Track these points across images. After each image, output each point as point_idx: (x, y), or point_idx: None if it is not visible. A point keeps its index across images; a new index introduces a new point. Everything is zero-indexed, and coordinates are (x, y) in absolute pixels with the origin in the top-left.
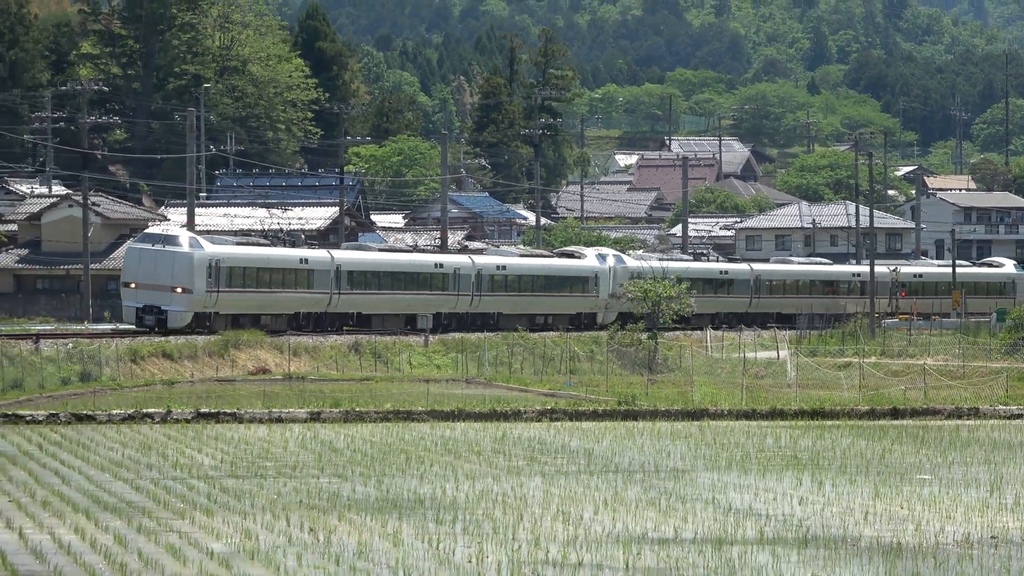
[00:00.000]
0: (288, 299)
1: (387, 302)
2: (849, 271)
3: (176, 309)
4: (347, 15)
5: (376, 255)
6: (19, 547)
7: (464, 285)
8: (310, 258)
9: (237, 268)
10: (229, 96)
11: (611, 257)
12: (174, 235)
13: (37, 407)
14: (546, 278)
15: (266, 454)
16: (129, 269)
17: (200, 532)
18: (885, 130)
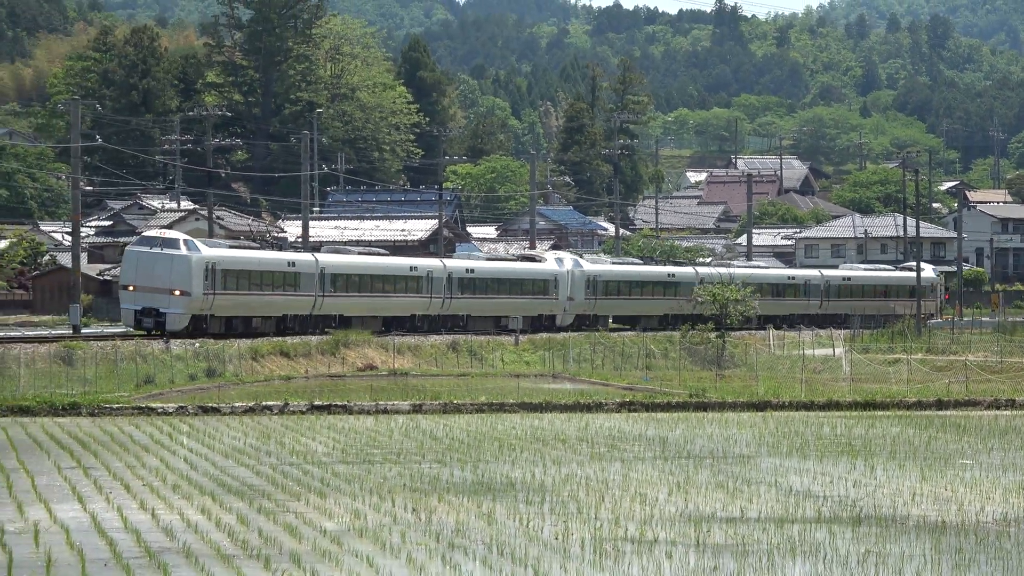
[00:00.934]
0: (277, 302)
1: (366, 304)
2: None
3: (174, 312)
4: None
5: (356, 259)
6: (152, 526)
7: (437, 288)
8: (296, 261)
9: (232, 271)
10: (339, 120)
11: (568, 261)
12: (172, 238)
13: (167, 400)
14: (510, 281)
15: (373, 442)
16: (127, 272)
17: (314, 512)
18: (930, 149)
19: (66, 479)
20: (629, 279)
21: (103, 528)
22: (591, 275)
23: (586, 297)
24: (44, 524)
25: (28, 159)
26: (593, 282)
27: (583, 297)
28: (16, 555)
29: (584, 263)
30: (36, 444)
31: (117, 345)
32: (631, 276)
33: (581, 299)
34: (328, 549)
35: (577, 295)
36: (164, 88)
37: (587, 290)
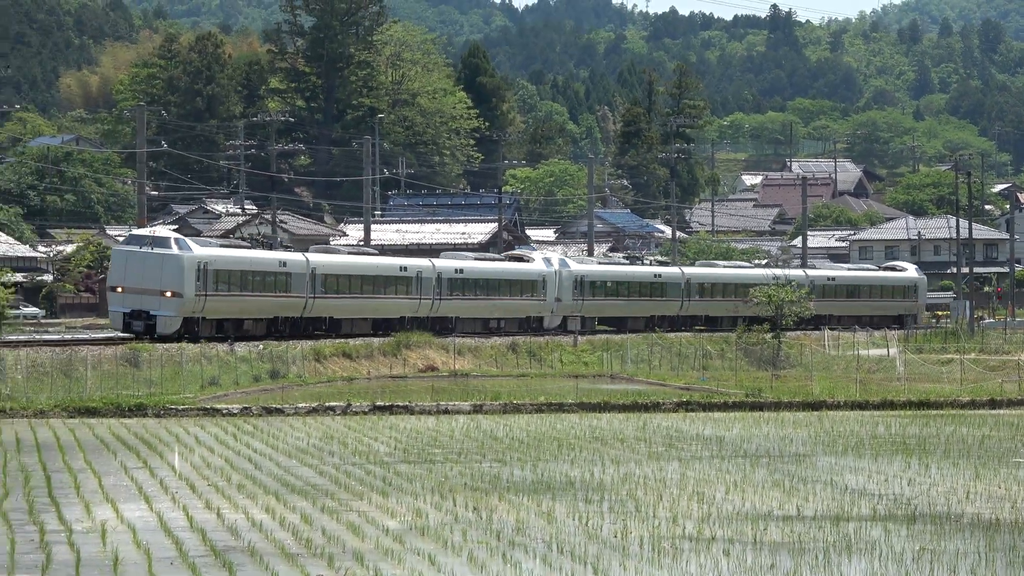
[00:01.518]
0: (269, 303)
1: (356, 306)
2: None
3: (165, 314)
4: (504, 53)
5: (347, 258)
6: (217, 525)
7: (427, 289)
8: (288, 261)
9: (223, 271)
10: (400, 125)
11: (556, 261)
12: (163, 236)
13: (232, 402)
14: (499, 281)
15: (434, 442)
16: (116, 272)
17: (376, 511)
18: (982, 152)
19: (132, 479)
20: (616, 279)
21: (169, 527)
22: (578, 275)
23: (574, 298)
24: (111, 524)
25: (95, 164)
26: (580, 282)
27: (571, 298)
28: (84, 554)
29: (571, 263)
30: (103, 445)
31: (183, 347)
32: (618, 276)
33: (569, 300)
34: (390, 547)
35: (565, 296)
36: (228, 94)
37: (575, 291)
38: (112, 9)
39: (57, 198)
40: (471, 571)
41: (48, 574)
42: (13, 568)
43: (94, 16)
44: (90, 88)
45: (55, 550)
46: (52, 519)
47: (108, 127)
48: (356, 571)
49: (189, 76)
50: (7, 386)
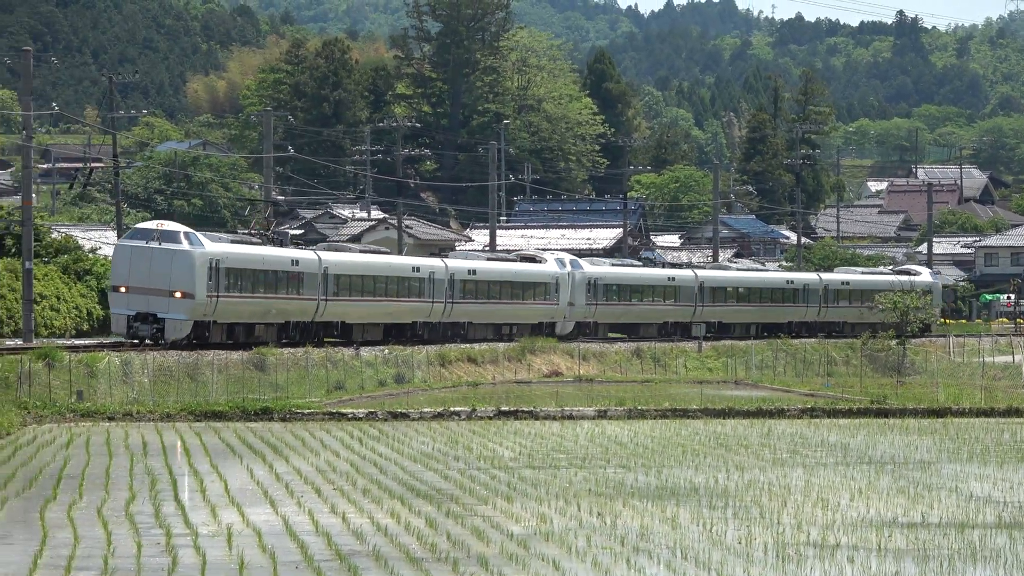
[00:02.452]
0: (281, 306)
1: (367, 310)
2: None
3: (175, 317)
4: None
5: (359, 257)
6: (342, 529)
7: (439, 291)
8: (300, 259)
9: (235, 270)
10: (526, 131)
11: (568, 262)
12: (171, 230)
13: (357, 406)
14: (511, 284)
15: (559, 447)
16: (119, 270)
17: (501, 516)
18: None
19: (258, 483)
20: (630, 282)
21: (294, 531)
22: (592, 278)
23: (587, 302)
24: (237, 527)
25: (222, 169)
26: (594, 285)
27: (584, 302)
28: (210, 557)
29: (584, 264)
30: (229, 448)
31: (308, 351)
32: (632, 279)
33: (582, 304)
34: (515, 552)
35: (578, 300)
36: (354, 100)
37: (587, 294)
38: (239, 14)
39: (184, 203)
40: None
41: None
42: (139, 571)
43: (221, 21)
44: (217, 93)
45: (181, 553)
46: (178, 522)
47: (235, 132)
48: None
49: (316, 81)
50: (134, 390)
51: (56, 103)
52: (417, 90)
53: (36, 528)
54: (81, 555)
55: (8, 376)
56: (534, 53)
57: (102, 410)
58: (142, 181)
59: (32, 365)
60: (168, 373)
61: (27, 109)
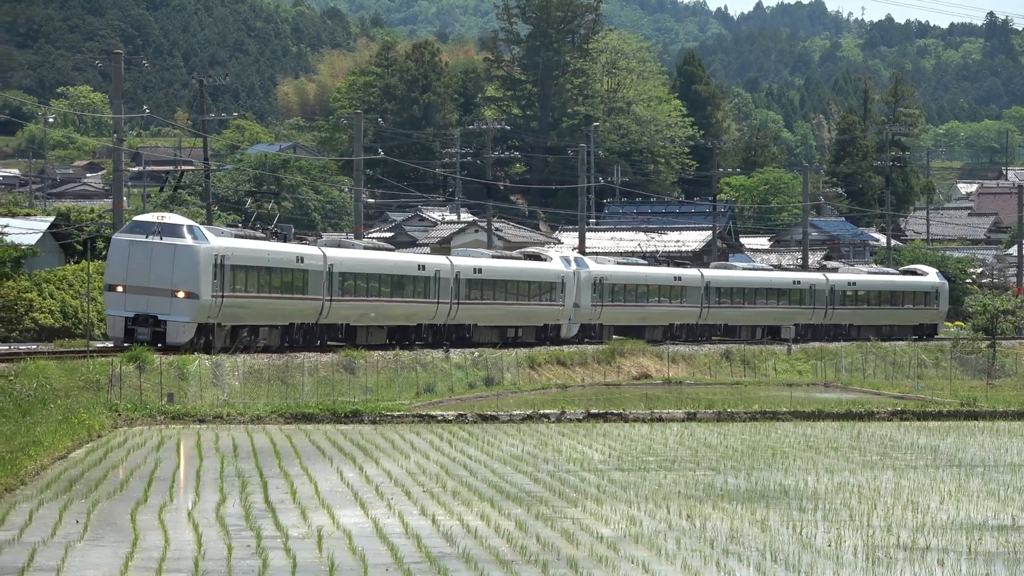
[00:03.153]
0: (286, 307)
1: (373, 311)
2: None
3: (178, 319)
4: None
5: (365, 254)
6: (432, 532)
7: (444, 291)
8: (305, 256)
9: (241, 268)
10: (615, 133)
11: (573, 260)
12: (174, 223)
13: (447, 408)
14: (517, 283)
15: (648, 450)
16: (115, 267)
17: (590, 519)
18: None
19: (348, 485)
20: (636, 282)
21: (384, 533)
22: (598, 277)
23: (592, 303)
24: (327, 529)
25: (312, 172)
26: (600, 285)
27: (589, 303)
28: (300, 560)
29: (590, 262)
30: (319, 451)
31: (398, 354)
32: (639, 279)
33: (587, 305)
34: (604, 555)
35: (583, 301)
36: (444, 102)
37: (593, 295)
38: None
39: (274, 205)
40: None
41: None
42: (230, 573)
43: (311, 24)
44: (307, 96)
45: (271, 556)
46: (268, 525)
47: (325, 135)
48: None
49: (406, 84)
50: (224, 392)
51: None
52: (507, 92)
53: (127, 530)
54: (172, 557)
55: (99, 379)
56: (623, 55)
57: (193, 412)
58: (232, 184)
59: (123, 367)
60: (258, 375)
61: (118, 112)
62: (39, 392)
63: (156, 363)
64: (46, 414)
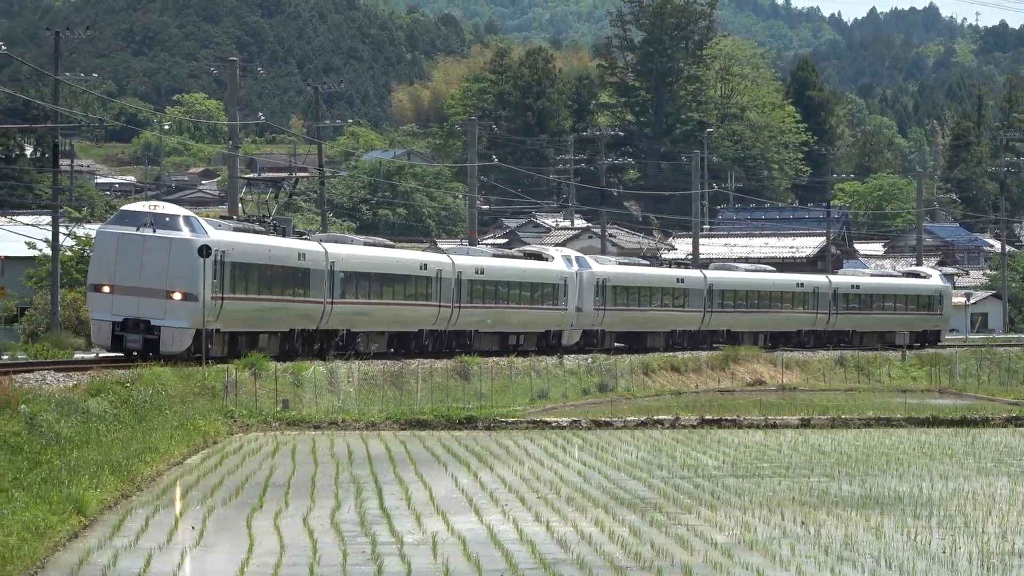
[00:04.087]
0: (287, 311)
1: (375, 316)
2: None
3: (174, 324)
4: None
5: (365, 251)
6: (546, 538)
7: (446, 293)
8: (307, 253)
9: (241, 265)
10: (729, 139)
11: (575, 260)
12: (168, 213)
13: (561, 415)
14: (519, 285)
15: (762, 456)
16: (101, 264)
17: (705, 525)
18: None
19: (463, 491)
20: (639, 284)
21: (499, 540)
22: (600, 279)
23: (595, 307)
24: (442, 535)
25: (426, 178)
26: (602, 288)
27: (591, 307)
28: (415, 566)
29: (592, 262)
30: (434, 457)
31: (512, 360)
32: (642, 281)
33: (590, 310)
34: (719, 561)
35: (585, 305)
36: (558, 108)
37: (596, 298)
38: (444, 24)
39: (389, 212)
40: None
41: None
42: None
43: (426, 31)
44: (422, 102)
45: (387, 562)
46: (383, 531)
47: (439, 141)
48: None
49: (520, 90)
50: (339, 399)
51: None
52: (620, 99)
53: (243, 536)
54: (287, 563)
55: (215, 385)
56: (737, 61)
57: (308, 419)
58: (347, 191)
59: (238, 374)
60: (373, 382)
61: (233, 119)
62: (155, 399)
63: (271, 369)
64: (162, 420)
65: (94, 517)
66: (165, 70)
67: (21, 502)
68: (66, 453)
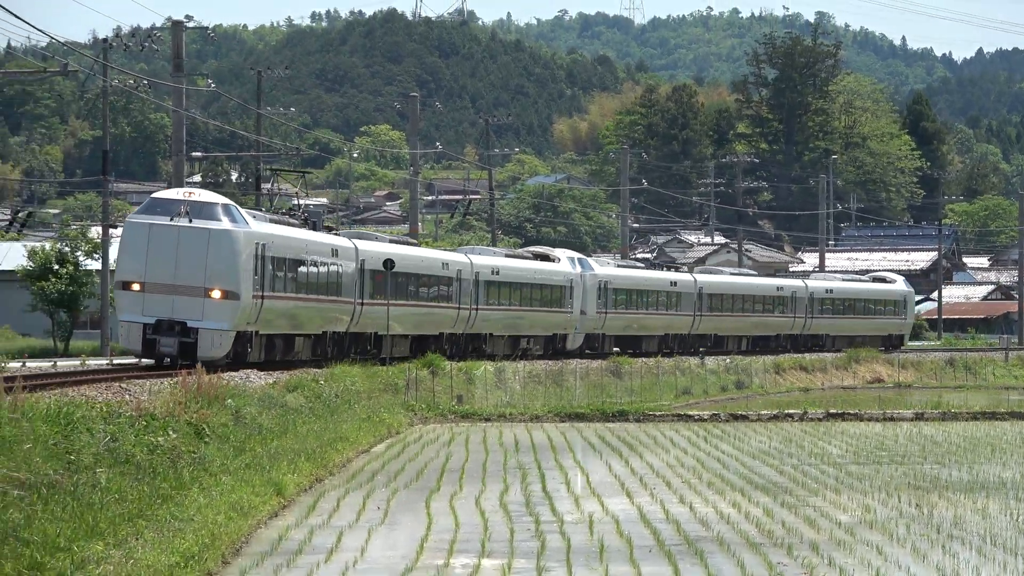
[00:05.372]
0: (321, 312)
1: (399, 317)
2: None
3: (213, 327)
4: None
5: (394, 248)
6: (689, 517)
7: (465, 294)
8: (339, 248)
9: (280, 260)
10: (852, 165)
11: (578, 262)
12: (206, 201)
13: (702, 409)
14: (531, 287)
15: (881, 446)
16: (130, 259)
17: (830, 506)
18: None
19: (616, 476)
20: (638, 287)
21: (648, 519)
22: (603, 281)
23: (597, 310)
24: (597, 515)
25: (583, 200)
26: (604, 290)
27: (594, 310)
28: (573, 541)
29: (594, 264)
30: (590, 446)
31: (659, 360)
32: (640, 284)
33: (592, 313)
34: (842, 539)
35: (588, 308)
36: (700, 138)
37: (598, 301)
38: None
39: (551, 230)
40: (914, 560)
41: (543, 558)
42: (512, 554)
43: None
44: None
45: (548, 538)
46: (546, 511)
47: (595, 167)
48: (812, 559)
49: (666, 122)
50: (507, 394)
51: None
52: (755, 129)
53: (422, 515)
54: (461, 539)
55: (397, 382)
56: (859, 96)
57: (479, 412)
58: (514, 211)
59: (418, 373)
60: (536, 379)
61: (414, 148)
62: (344, 394)
63: (447, 368)
64: (351, 414)
65: (292, 498)
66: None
67: (228, 485)
68: (267, 442)
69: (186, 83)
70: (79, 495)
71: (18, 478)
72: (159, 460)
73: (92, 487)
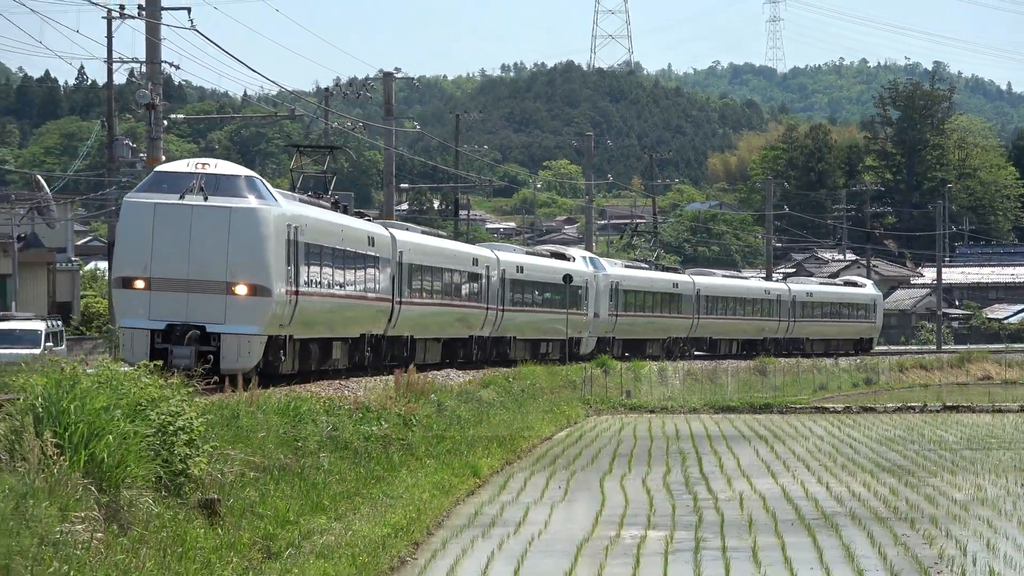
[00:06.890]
0: (358, 312)
1: (432, 319)
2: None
3: (239, 331)
4: None
5: (429, 240)
6: (825, 495)
7: (492, 294)
8: (375, 237)
9: (314, 248)
10: (964, 193)
11: (590, 262)
12: (226, 173)
13: (836, 402)
14: (551, 286)
15: (991, 434)
16: (130, 248)
17: (946, 486)
18: None
19: (762, 460)
20: (646, 288)
21: (790, 496)
22: (614, 282)
23: (609, 313)
24: (746, 494)
25: (733, 223)
26: (615, 291)
27: (606, 313)
28: (727, 516)
29: (606, 265)
30: (740, 434)
31: (799, 361)
32: (648, 285)
33: (605, 316)
34: (957, 514)
35: (601, 310)
36: (834, 170)
37: (610, 303)
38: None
39: (705, 249)
40: (1020, 533)
41: (700, 530)
42: (674, 527)
43: (733, 112)
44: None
45: (705, 513)
46: (702, 490)
47: (743, 195)
48: (931, 531)
49: (804, 157)
50: (669, 389)
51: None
52: (881, 162)
53: (597, 493)
54: (630, 514)
55: (574, 380)
56: (971, 133)
57: (644, 405)
58: (674, 233)
59: (592, 371)
60: (694, 377)
61: (589, 179)
62: (530, 390)
63: (618, 368)
64: (535, 406)
65: (486, 479)
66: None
67: (432, 468)
68: (464, 430)
69: (395, 125)
70: (305, 476)
71: (255, 462)
72: (373, 446)
73: (316, 469)
